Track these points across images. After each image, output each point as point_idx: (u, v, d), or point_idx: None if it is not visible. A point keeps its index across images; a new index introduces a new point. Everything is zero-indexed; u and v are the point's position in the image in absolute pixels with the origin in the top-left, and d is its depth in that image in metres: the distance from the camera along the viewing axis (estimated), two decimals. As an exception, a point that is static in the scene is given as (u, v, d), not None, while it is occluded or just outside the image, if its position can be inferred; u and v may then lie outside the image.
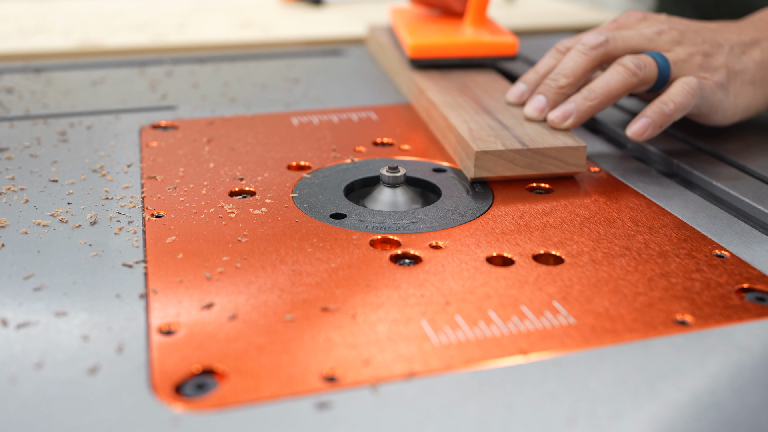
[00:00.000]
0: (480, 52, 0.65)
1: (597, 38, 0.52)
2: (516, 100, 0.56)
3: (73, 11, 1.13)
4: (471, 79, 0.63)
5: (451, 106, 0.55)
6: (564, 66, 0.52)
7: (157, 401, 0.29)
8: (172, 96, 0.69)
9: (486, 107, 0.55)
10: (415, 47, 0.65)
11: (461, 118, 0.53)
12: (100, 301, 0.35)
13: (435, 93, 0.59)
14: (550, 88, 0.52)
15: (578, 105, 0.50)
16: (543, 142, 0.48)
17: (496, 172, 0.48)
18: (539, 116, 0.52)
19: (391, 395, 0.29)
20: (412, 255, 0.40)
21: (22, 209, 0.45)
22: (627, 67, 0.50)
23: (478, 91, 0.59)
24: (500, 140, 0.48)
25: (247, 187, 0.48)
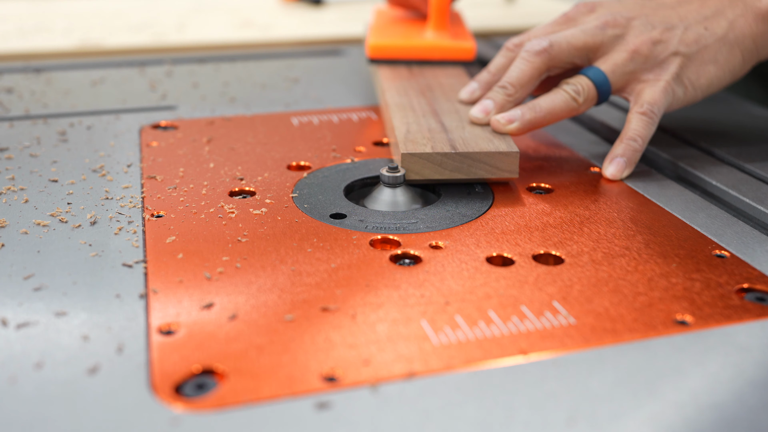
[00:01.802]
0: (437, 55, 0.66)
1: (540, 44, 0.51)
2: (467, 99, 0.56)
3: (73, 11, 1.13)
4: (437, 80, 0.62)
5: (402, 107, 0.55)
6: (510, 74, 0.52)
7: (157, 401, 0.29)
8: (172, 96, 0.69)
9: (437, 109, 0.54)
10: (374, 47, 0.67)
11: (404, 120, 0.52)
12: (100, 301, 0.35)
13: (392, 93, 0.59)
14: (498, 94, 0.52)
15: (524, 113, 0.50)
16: (474, 146, 0.47)
17: (424, 174, 0.47)
18: (484, 119, 0.51)
19: (391, 395, 0.29)
20: (412, 255, 0.40)
21: (22, 209, 0.45)
22: (568, 93, 0.50)
23: (438, 92, 0.59)
24: (431, 143, 0.47)
25: (247, 187, 0.48)
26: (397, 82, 0.61)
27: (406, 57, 0.66)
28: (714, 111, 0.65)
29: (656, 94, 0.51)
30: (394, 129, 0.51)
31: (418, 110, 0.54)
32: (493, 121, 0.50)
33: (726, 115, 0.64)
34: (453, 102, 0.56)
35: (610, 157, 0.51)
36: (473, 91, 0.56)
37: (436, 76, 0.63)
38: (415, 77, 0.63)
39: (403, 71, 0.65)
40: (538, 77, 0.52)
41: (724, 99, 0.68)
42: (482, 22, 1.04)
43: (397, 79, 0.62)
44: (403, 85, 0.61)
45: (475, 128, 0.50)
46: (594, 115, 0.64)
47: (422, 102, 0.56)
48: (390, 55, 0.66)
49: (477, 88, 0.55)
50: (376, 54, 0.67)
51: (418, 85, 0.60)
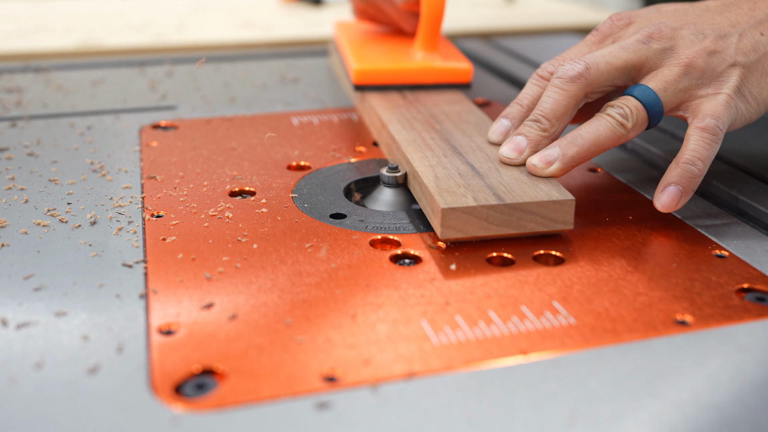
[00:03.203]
0: (430, 79, 0.60)
1: (574, 67, 0.44)
2: (500, 139, 0.48)
3: (73, 11, 1.13)
4: (440, 109, 0.55)
5: (415, 145, 0.48)
6: (543, 105, 0.45)
7: (157, 401, 0.29)
8: (172, 96, 0.69)
9: (456, 146, 0.48)
10: (360, 73, 0.60)
11: (426, 162, 0.45)
12: (100, 301, 0.35)
13: (397, 127, 0.51)
14: (531, 129, 0.45)
15: (564, 150, 0.43)
16: (522, 195, 0.41)
17: (466, 231, 0.40)
18: (517, 159, 0.44)
19: (391, 395, 0.29)
20: (412, 255, 0.40)
21: (22, 209, 0.45)
22: (614, 118, 0.43)
23: (448, 124, 0.52)
24: (471, 192, 0.41)
25: (247, 187, 0.48)
26: (395, 112, 0.55)
27: (396, 82, 0.60)
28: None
29: (719, 108, 0.44)
30: (418, 174, 0.44)
31: (435, 148, 0.47)
32: (529, 165, 0.43)
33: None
34: (471, 136, 0.49)
35: (662, 184, 0.43)
36: (505, 131, 0.48)
37: (436, 103, 0.57)
38: (413, 105, 0.56)
39: (396, 98, 0.58)
40: (575, 106, 0.45)
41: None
42: (482, 22, 1.04)
43: (394, 108, 0.55)
44: (403, 115, 0.54)
45: (511, 170, 0.44)
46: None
47: (435, 137, 0.49)
48: (379, 80, 0.60)
49: (509, 125, 0.48)
50: (363, 80, 0.60)
51: (420, 114, 0.54)
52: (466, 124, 0.52)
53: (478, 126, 0.52)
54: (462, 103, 0.57)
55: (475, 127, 0.51)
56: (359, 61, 0.61)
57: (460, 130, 0.51)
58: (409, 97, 0.58)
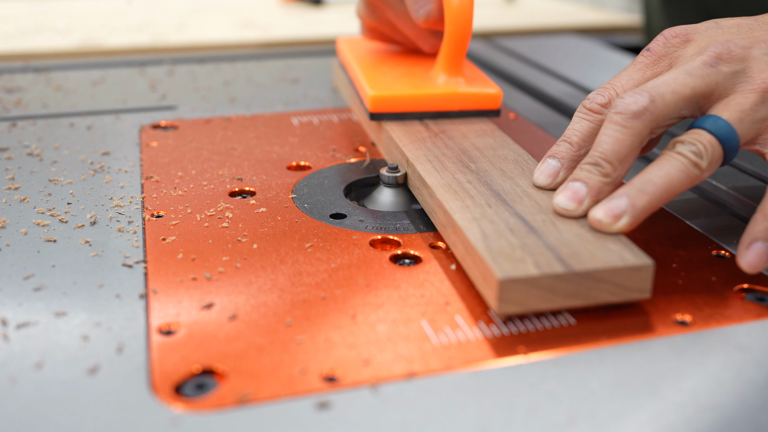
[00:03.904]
0: (456, 106, 0.53)
1: (637, 101, 0.37)
2: (548, 183, 0.41)
3: (73, 11, 1.13)
4: (470, 142, 0.49)
5: (451, 190, 0.42)
6: (603, 146, 0.38)
7: (157, 401, 0.29)
8: (172, 96, 0.69)
9: (499, 192, 0.41)
10: (376, 100, 0.52)
11: (467, 214, 0.39)
12: (100, 301, 0.35)
13: (425, 166, 0.45)
14: (591, 174, 0.38)
15: (633, 200, 0.36)
16: (592, 259, 0.34)
17: (527, 305, 0.34)
18: (577, 210, 0.38)
19: (391, 395, 0.29)
20: (412, 255, 0.40)
21: (22, 209, 0.45)
22: (686, 157, 0.37)
23: (483, 162, 0.45)
24: (530, 255, 0.34)
25: (247, 187, 0.48)
26: (421, 148, 0.48)
27: (417, 110, 0.53)
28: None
29: None
30: (461, 230, 0.37)
31: (475, 195, 0.41)
32: (593, 220, 0.37)
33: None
34: (514, 178, 0.43)
35: (747, 239, 0.37)
36: (554, 173, 0.41)
37: (464, 135, 0.50)
38: (438, 138, 0.49)
39: (418, 129, 0.51)
40: (640, 145, 0.38)
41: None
42: (482, 22, 1.04)
43: (419, 143, 0.49)
44: (431, 150, 0.47)
45: (570, 224, 0.37)
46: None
47: (472, 180, 0.43)
48: (397, 108, 0.52)
49: (558, 166, 0.41)
50: (380, 107, 0.52)
51: (450, 150, 0.47)
52: (504, 161, 0.45)
53: (518, 164, 0.45)
54: (494, 134, 0.50)
55: (515, 165, 0.45)
56: (375, 87, 0.53)
57: (498, 169, 0.44)
58: (433, 127, 0.51)
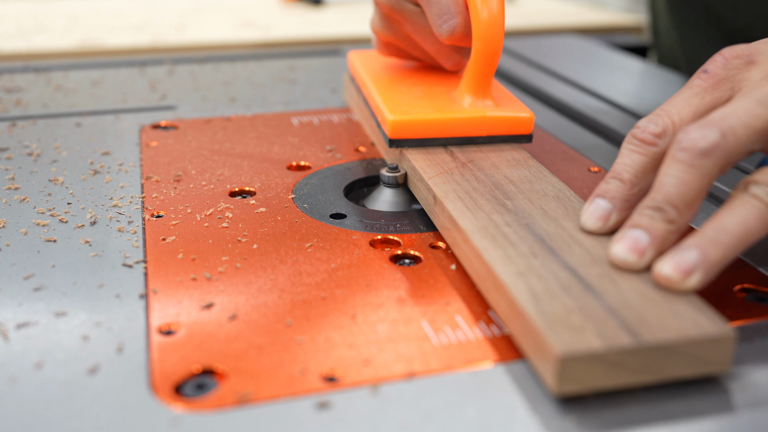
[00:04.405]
0: (484, 131, 0.48)
1: (706, 137, 0.33)
2: (598, 227, 0.36)
3: (73, 11, 1.13)
4: (503, 174, 0.43)
5: (491, 236, 0.36)
6: (667, 188, 0.33)
7: (157, 401, 0.29)
8: (172, 96, 0.69)
9: (543, 238, 0.36)
10: (397, 125, 0.47)
11: (511, 267, 0.33)
12: (100, 301, 0.35)
13: (455, 203, 0.40)
14: (653, 221, 0.33)
15: (705, 253, 0.31)
16: (663, 327, 0.29)
17: (589, 382, 0.29)
18: (638, 263, 0.33)
19: (391, 395, 0.29)
20: (412, 255, 0.40)
21: (22, 209, 0.45)
22: (763, 201, 0.33)
23: (521, 199, 0.40)
24: (591, 322, 0.29)
25: (247, 187, 0.48)
26: (449, 181, 0.42)
27: (442, 135, 0.47)
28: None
29: None
30: (505, 287, 0.32)
31: (517, 242, 0.35)
32: (659, 276, 0.32)
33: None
34: (558, 220, 0.38)
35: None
36: (606, 216, 0.36)
37: (495, 165, 0.45)
38: (467, 169, 0.44)
39: (443, 157, 0.46)
40: (708, 187, 0.33)
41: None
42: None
43: (445, 174, 0.43)
44: (460, 185, 0.42)
45: (630, 278, 0.32)
46: (594, 115, 0.64)
47: (511, 222, 0.38)
48: (420, 133, 0.47)
49: (608, 208, 0.36)
50: (401, 133, 0.47)
51: (481, 184, 0.42)
52: (544, 198, 0.40)
53: (560, 202, 0.40)
54: (528, 164, 0.45)
55: (557, 203, 0.40)
56: (395, 110, 0.48)
57: (539, 209, 0.39)
58: (459, 155, 0.46)
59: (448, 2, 0.47)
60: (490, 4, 0.45)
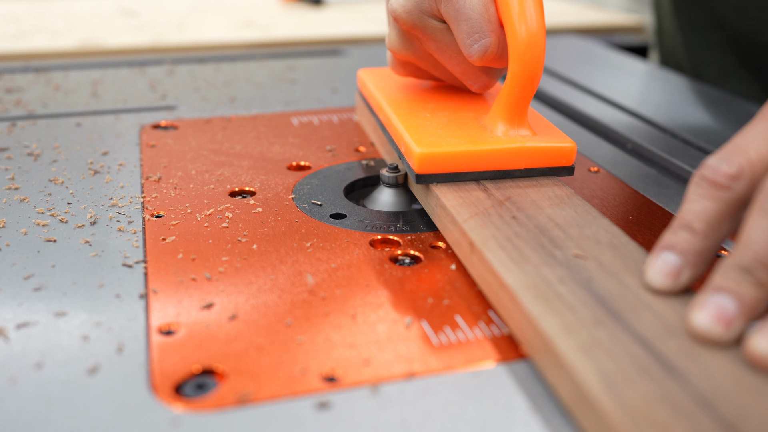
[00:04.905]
0: (521, 164, 0.42)
1: None
2: (667, 286, 0.31)
3: (73, 11, 1.13)
4: (545, 215, 0.38)
5: (544, 298, 0.31)
6: (757, 245, 0.29)
7: (157, 401, 0.29)
8: (172, 96, 0.69)
9: (606, 300, 0.31)
10: (425, 159, 0.41)
11: (576, 340, 0.28)
12: (100, 301, 0.35)
13: (501, 257, 0.34)
14: (741, 284, 0.28)
15: None
16: None
17: None
18: (725, 335, 0.28)
19: (391, 395, 0.29)
20: (412, 255, 0.40)
21: (22, 209, 0.45)
22: None
23: (571, 247, 0.35)
24: (683, 419, 0.25)
25: (247, 187, 0.48)
26: (487, 225, 0.37)
27: (475, 169, 0.42)
28: (714, 111, 0.65)
29: None
30: (572, 368, 0.27)
31: (575, 305, 0.30)
32: (754, 353, 0.27)
33: (726, 115, 0.64)
34: (618, 274, 0.33)
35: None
36: (675, 272, 0.31)
37: (536, 203, 0.40)
38: (503, 207, 0.39)
39: (477, 195, 0.41)
40: None
41: (725, 99, 0.68)
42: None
43: (481, 216, 0.38)
44: (499, 229, 0.37)
45: (718, 356, 0.27)
46: (594, 115, 0.64)
47: (562, 275, 0.33)
48: (450, 167, 0.42)
49: (678, 263, 0.31)
50: (430, 167, 0.41)
51: (524, 228, 0.37)
52: (598, 246, 0.35)
53: (616, 251, 0.35)
54: (573, 203, 0.40)
55: (613, 252, 0.35)
56: (422, 141, 0.42)
57: (594, 260, 0.34)
58: (495, 192, 0.41)
59: (479, 18, 0.42)
60: (530, 20, 0.40)
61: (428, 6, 0.44)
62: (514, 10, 0.41)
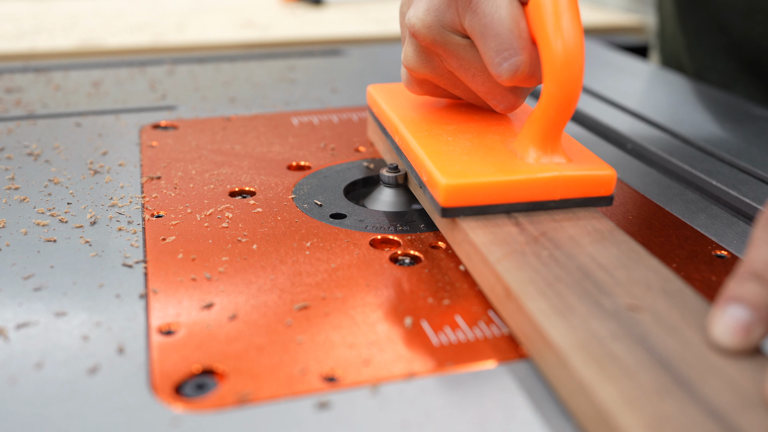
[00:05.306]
0: (556, 195, 0.38)
1: None
2: (736, 344, 0.28)
3: (73, 11, 1.13)
4: (587, 253, 0.34)
5: (596, 360, 0.27)
6: None
7: (157, 401, 0.29)
8: (172, 96, 0.69)
9: (668, 361, 0.27)
10: (452, 191, 0.37)
11: (641, 415, 0.25)
12: (100, 301, 0.35)
13: (543, 307, 0.30)
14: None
15: None
16: None
17: None
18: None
19: (391, 395, 0.29)
20: (412, 255, 0.40)
21: (22, 209, 0.45)
22: None
23: (620, 294, 0.31)
24: None
25: (247, 187, 0.48)
26: (521, 265, 0.34)
27: (506, 201, 0.38)
28: (714, 111, 0.65)
29: None
30: None
31: (632, 366, 0.27)
32: None
33: (726, 115, 0.64)
34: (676, 327, 0.29)
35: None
36: (746, 328, 0.28)
37: (574, 240, 0.36)
38: (539, 244, 0.35)
39: (508, 229, 0.37)
40: None
41: (725, 99, 0.68)
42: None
43: (515, 255, 0.34)
44: (536, 270, 0.33)
45: None
46: (594, 116, 0.64)
47: (615, 330, 0.29)
48: (480, 199, 0.37)
49: (749, 319, 0.28)
50: (458, 200, 0.37)
51: (561, 267, 0.33)
52: (650, 293, 0.31)
53: (671, 298, 0.31)
54: (615, 239, 0.36)
55: (669, 301, 0.31)
56: (448, 170, 0.38)
57: (649, 311, 0.30)
58: (528, 226, 0.37)
59: (509, 34, 0.38)
60: (567, 35, 0.36)
61: (450, 20, 0.40)
62: (548, 23, 0.36)
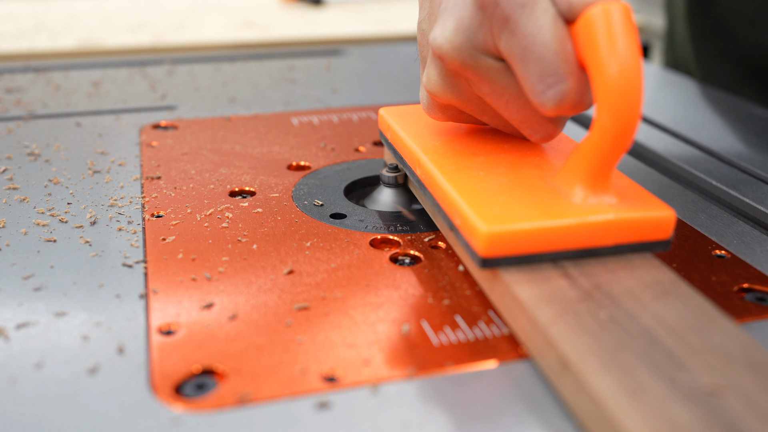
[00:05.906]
0: (609, 240, 0.33)
1: None
2: None
3: (73, 11, 1.13)
4: (650, 312, 0.30)
5: None
6: None
7: (157, 401, 0.29)
8: (172, 96, 0.69)
9: None
10: (495, 239, 0.32)
11: None
12: (100, 301, 0.35)
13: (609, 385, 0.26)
14: None
15: None
16: None
17: None
18: None
19: (391, 395, 0.29)
20: (412, 255, 0.40)
21: (22, 209, 0.45)
22: None
23: (696, 367, 0.27)
24: None
25: (247, 187, 0.48)
26: (576, 330, 0.29)
27: (552, 249, 0.33)
28: (714, 111, 0.65)
29: None
30: None
31: None
32: None
33: (726, 115, 0.64)
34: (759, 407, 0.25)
35: None
36: None
37: (633, 294, 0.31)
38: (594, 301, 0.31)
39: (557, 282, 0.32)
40: None
41: (725, 99, 0.68)
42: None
43: (569, 315, 0.30)
44: (595, 335, 0.28)
45: None
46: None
47: (697, 415, 0.24)
48: (524, 247, 0.32)
49: None
50: (499, 249, 0.32)
51: (627, 335, 0.28)
52: (730, 365, 0.27)
53: (755, 371, 0.27)
54: (679, 293, 0.32)
55: (754, 375, 0.27)
56: (487, 214, 0.33)
57: (735, 389, 0.26)
58: (578, 277, 0.32)
59: (554, 58, 0.33)
60: (624, 57, 0.31)
61: (483, 41, 0.35)
62: (602, 44, 0.31)
